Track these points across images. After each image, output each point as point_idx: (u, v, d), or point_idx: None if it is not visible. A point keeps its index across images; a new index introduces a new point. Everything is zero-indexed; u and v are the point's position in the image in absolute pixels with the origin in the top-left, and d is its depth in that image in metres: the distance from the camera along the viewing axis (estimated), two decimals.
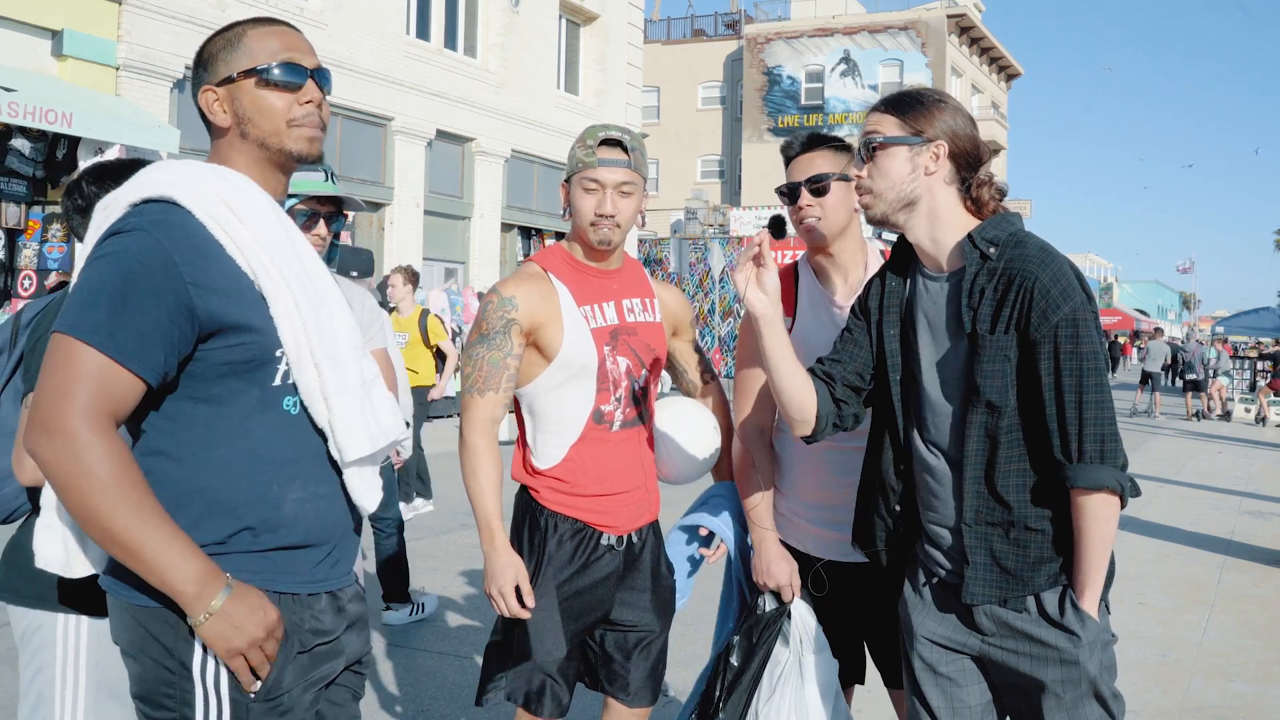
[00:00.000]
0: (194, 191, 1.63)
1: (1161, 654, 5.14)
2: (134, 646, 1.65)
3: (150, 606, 1.61)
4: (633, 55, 21.64)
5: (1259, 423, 20.70)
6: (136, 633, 1.64)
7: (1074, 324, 1.92)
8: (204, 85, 1.74)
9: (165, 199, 1.62)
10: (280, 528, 1.67)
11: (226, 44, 1.74)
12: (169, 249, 1.57)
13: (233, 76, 1.71)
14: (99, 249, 1.60)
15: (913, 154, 2.04)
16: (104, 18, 11.60)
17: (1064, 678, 1.99)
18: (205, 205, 1.62)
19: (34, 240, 10.99)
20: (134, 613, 1.63)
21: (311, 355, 1.67)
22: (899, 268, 2.19)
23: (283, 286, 1.65)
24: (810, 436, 2.20)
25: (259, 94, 1.71)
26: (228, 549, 1.63)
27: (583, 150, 2.45)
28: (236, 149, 1.74)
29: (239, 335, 1.62)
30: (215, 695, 1.62)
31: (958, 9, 37.08)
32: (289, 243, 1.70)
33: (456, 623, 5.34)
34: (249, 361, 1.64)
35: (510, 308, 2.43)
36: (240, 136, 1.73)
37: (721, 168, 40.19)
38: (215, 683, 1.62)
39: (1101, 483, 1.91)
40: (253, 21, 1.77)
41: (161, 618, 1.61)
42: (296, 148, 1.74)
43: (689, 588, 2.76)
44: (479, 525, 2.42)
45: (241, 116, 1.72)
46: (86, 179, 2.29)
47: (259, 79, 1.71)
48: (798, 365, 2.14)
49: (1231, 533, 8.40)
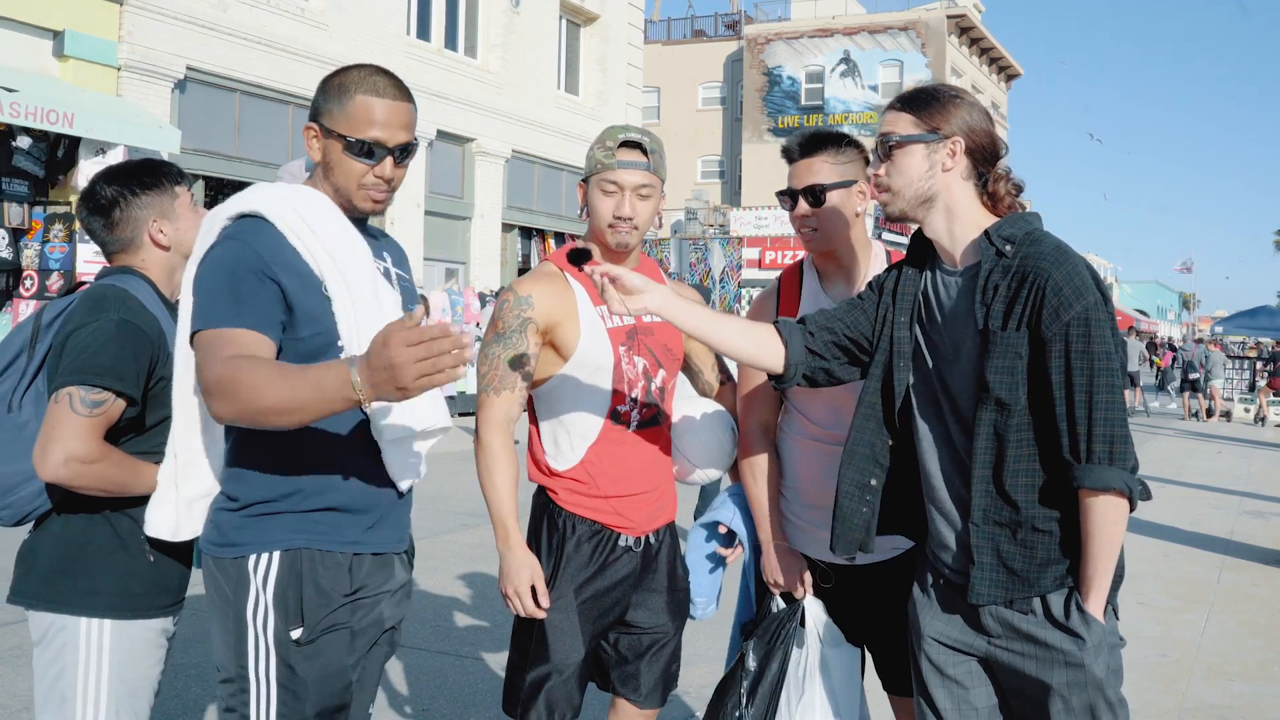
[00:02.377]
0: (276, 208, 1.95)
1: (1161, 653, 5.15)
2: (212, 595, 2.00)
3: (225, 559, 1.96)
4: (633, 56, 21.64)
5: (1258, 423, 20.71)
6: (214, 581, 1.99)
7: (1086, 323, 1.91)
8: (310, 120, 2.03)
9: (254, 214, 1.95)
10: (328, 491, 1.97)
11: (337, 94, 1.99)
12: (259, 251, 1.89)
13: (330, 130, 1.99)
14: (205, 258, 1.92)
15: (929, 151, 2.05)
16: (105, 18, 11.60)
17: (1070, 680, 1.98)
18: (285, 219, 1.94)
19: (36, 240, 11.00)
20: (215, 564, 1.98)
21: (362, 348, 1.86)
22: (916, 260, 2.19)
23: (343, 288, 1.95)
24: (780, 380, 2.26)
25: (342, 156, 1.99)
26: (280, 508, 1.95)
27: (602, 151, 2.45)
28: (320, 180, 2.05)
29: (309, 325, 1.92)
30: (264, 634, 1.92)
31: (958, 9, 37.07)
32: (353, 253, 1.99)
33: (457, 623, 5.34)
34: (315, 348, 1.92)
35: (526, 306, 2.42)
36: (323, 174, 2.04)
37: (722, 168, 40.18)
38: (264, 623, 1.92)
39: (1109, 484, 1.90)
40: (368, 78, 1.99)
41: (230, 568, 1.95)
42: (361, 206, 2.03)
43: (714, 588, 2.72)
44: (495, 525, 2.41)
45: (326, 162, 2.02)
46: (102, 181, 2.33)
47: (345, 145, 1.98)
48: (737, 325, 2.25)
49: (1231, 533, 8.41)
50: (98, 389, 2.08)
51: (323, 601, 1.95)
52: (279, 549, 1.94)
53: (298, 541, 1.95)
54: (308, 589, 1.94)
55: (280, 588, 1.93)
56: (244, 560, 1.94)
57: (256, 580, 1.93)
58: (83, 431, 2.06)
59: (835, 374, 2.26)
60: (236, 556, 1.95)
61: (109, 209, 2.30)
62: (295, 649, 1.93)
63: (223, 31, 13.01)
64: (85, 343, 2.11)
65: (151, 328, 2.19)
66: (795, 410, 2.60)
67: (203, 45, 12.73)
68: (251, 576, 1.93)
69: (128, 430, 2.19)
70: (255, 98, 13.70)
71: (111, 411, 2.11)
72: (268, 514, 1.95)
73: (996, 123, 12.23)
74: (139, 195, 2.32)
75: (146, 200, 2.32)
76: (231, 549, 1.95)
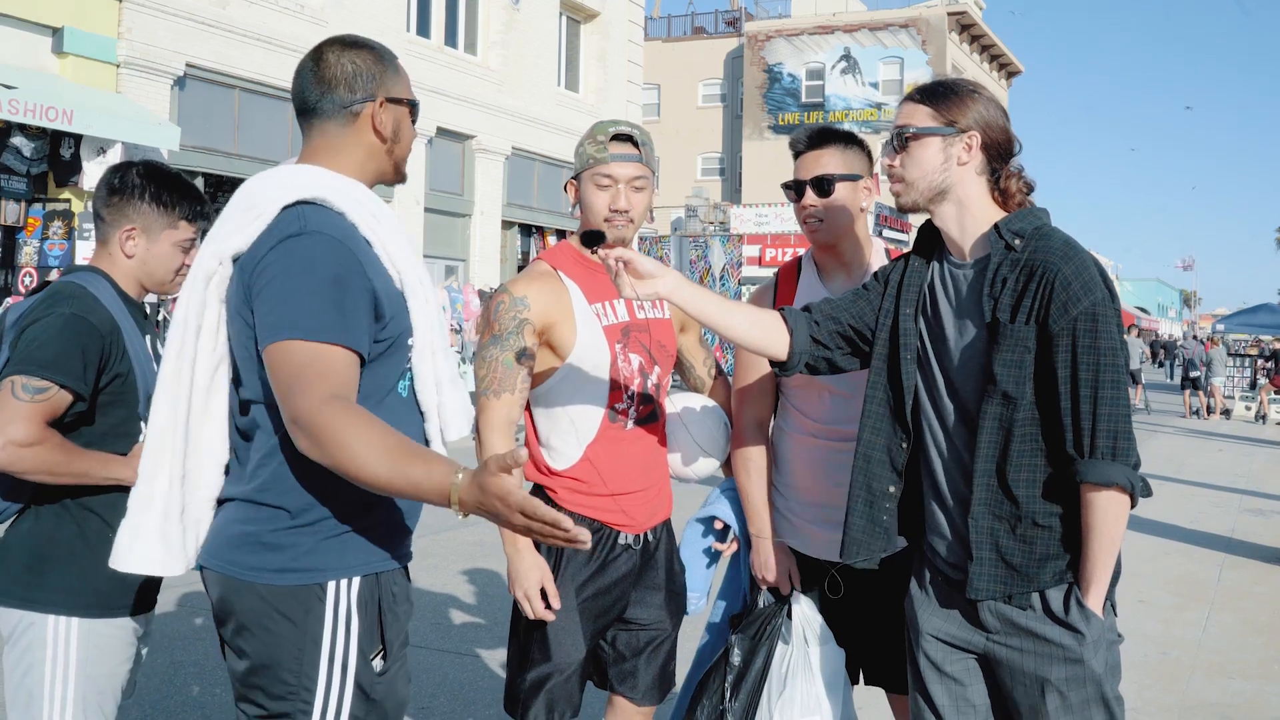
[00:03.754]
0: (345, 196, 1.81)
1: (1161, 652, 5.14)
2: (256, 623, 1.75)
3: (284, 586, 1.74)
4: (633, 53, 21.62)
5: (1259, 420, 20.69)
6: (261, 610, 1.74)
7: (1093, 318, 1.91)
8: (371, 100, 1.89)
9: (318, 201, 1.78)
10: (405, 507, 1.87)
11: (393, 64, 1.92)
12: (355, 250, 1.75)
13: (400, 99, 1.90)
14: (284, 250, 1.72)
15: (946, 144, 2.05)
16: (105, 15, 11.58)
17: (1068, 676, 1.98)
18: (353, 208, 1.80)
19: (34, 237, 10.99)
20: (264, 591, 1.74)
21: (431, 345, 1.88)
22: (924, 251, 2.19)
23: (416, 283, 1.86)
24: (783, 368, 2.26)
25: (408, 122, 1.93)
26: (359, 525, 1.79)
27: (593, 146, 2.44)
28: (365, 161, 1.90)
29: (390, 325, 1.80)
30: (341, 668, 1.74)
31: (958, 6, 37.03)
32: (410, 246, 1.90)
33: (457, 620, 5.34)
34: (394, 346, 1.83)
35: (522, 307, 2.41)
36: (383, 151, 1.91)
37: (722, 165, 40.15)
38: (344, 655, 1.74)
39: (1112, 479, 1.91)
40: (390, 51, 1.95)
41: (294, 595, 1.74)
42: (404, 171, 1.96)
43: (707, 582, 2.73)
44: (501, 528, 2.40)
45: (396, 133, 1.91)
46: (139, 170, 2.35)
47: (411, 109, 1.92)
48: (744, 312, 2.24)
49: (1231, 530, 8.41)
50: (40, 379, 2.10)
51: (399, 623, 1.85)
52: (360, 573, 1.78)
53: (375, 564, 1.81)
54: (387, 614, 1.82)
55: (365, 614, 1.77)
56: (320, 587, 1.75)
57: (340, 607, 1.75)
58: (21, 415, 2.08)
59: (837, 363, 2.26)
60: (309, 583, 1.74)
61: (118, 191, 2.32)
62: (376, 680, 1.79)
63: (222, 28, 13.00)
64: (34, 336, 2.14)
65: (104, 322, 2.20)
66: (792, 407, 2.59)
67: (202, 42, 12.71)
68: (329, 604, 1.75)
69: (76, 426, 2.20)
70: (255, 95, 13.68)
71: (56, 402, 2.12)
72: (346, 533, 1.77)
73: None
74: (144, 200, 2.32)
75: (146, 209, 2.32)
76: (301, 574, 1.74)
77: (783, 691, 2.45)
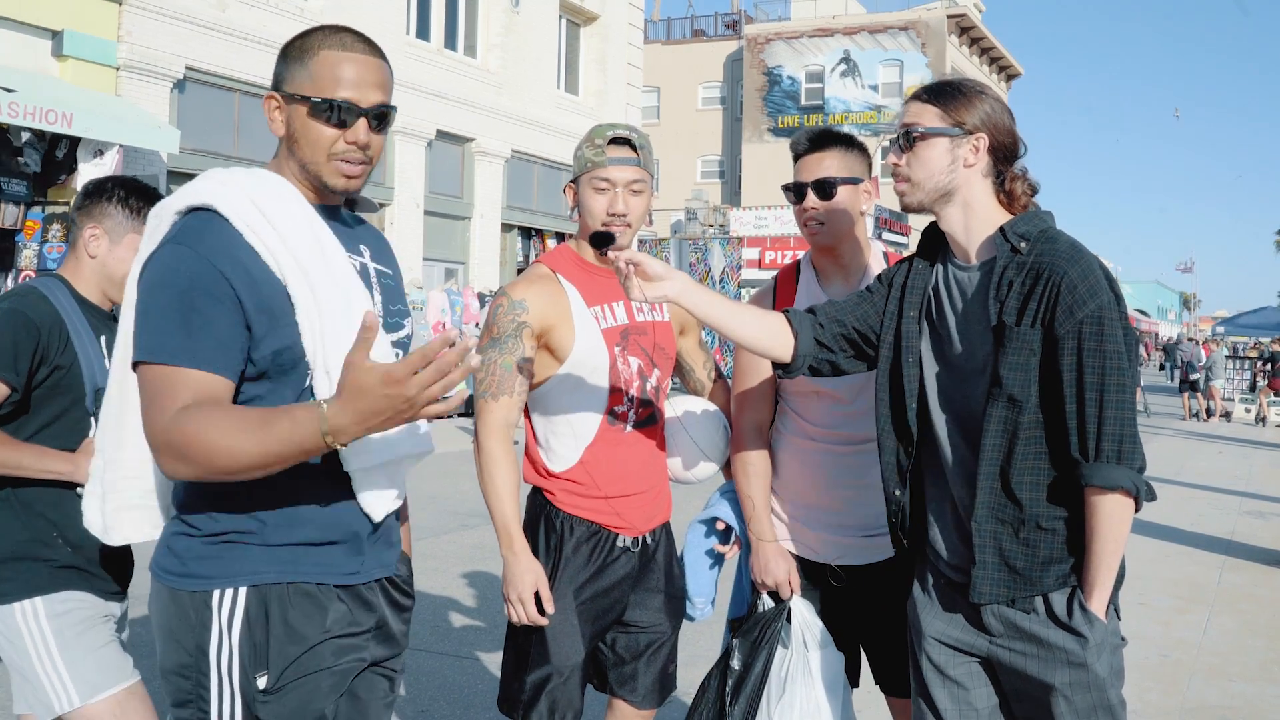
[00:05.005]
0: (231, 200, 1.69)
1: (1162, 654, 5.14)
2: (165, 625, 1.75)
3: (182, 590, 1.72)
4: (633, 55, 21.63)
5: (1259, 423, 20.69)
6: (170, 612, 1.74)
7: (1099, 321, 1.91)
8: (270, 90, 1.79)
9: (206, 207, 1.69)
10: (296, 525, 1.73)
11: (299, 55, 1.76)
12: (213, 259, 1.63)
13: (292, 95, 1.75)
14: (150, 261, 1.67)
15: (953, 145, 2.04)
16: (104, 18, 11.59)
17: (1072, 680, 1.97)
18: (241, 212, 1.69)
19: (34, 240, 10.99)
20: (170, 594, 1.73)
21: (324, 363, 1.69)
22: (927, 254, 2.19)
23: (307, 291, 1.69)
24: (787, 370, 2.25)
25: (308, 121, 1.74)
26: (248, 539, 1.72)
27: (591, 150, 2.44)
28: (285, 159, 1.81)
29: (274, 340, 1.67)
30: (228, 679, 1.70)
31: (958, 9, 37.04)
32: (319, 249, 1.73)
33: (457, 623, 5.33)
34: (282, 364, 1.69)
35: (521, 310, 2.41)
36: (288, 151, 1.79)
37: (721, 168, 40.16)
38: (229, 667, 1.70)
39: (1116, 483, 1.90)
40: (333, 35, 1.77)
41: (189, 601, 1.71)
42: (332, 181, 1.78)
43: (712, 586, 2.72)
44: (498, 531, 2.40)
45: (291, 134, 1.77)
46: (115, 180, 2.49)
47: (311, 108, 1.73)
48: (750, 314, 2.23)
49: (1231, 533, 8.40)
50: None
51: (294, 642, 1.72)
52: (246, 583, 1.71)
53: (268, 575, 1.71)
54: (276, 629, 1.71)
55: (247, 628, 1.70)
56: (207, 594, 1.70)
57: (221, 618, 1.70)
58: None
59: (841, 366, 2.26)
60: (197, 590, 1.71)
61: (91, 195, 2.46)
62: (261, 697, 1.71)
63: (222, 31, 13.00)
64: None
65: (45, 318, 2.31)
66: (792, 411, 2.59)
67: (202, 45, 12.71)
68: (215, 613, 1.70)
69: (15, 416, 2.32)
70: (255, 98, 13.66)
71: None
72: (234, 543, 1.72)
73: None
74: (112, 203, 2.44)
75: (113, 211, 2.44)
76: (192, 580, 1.71)
77: (782, 696, 2.45)
